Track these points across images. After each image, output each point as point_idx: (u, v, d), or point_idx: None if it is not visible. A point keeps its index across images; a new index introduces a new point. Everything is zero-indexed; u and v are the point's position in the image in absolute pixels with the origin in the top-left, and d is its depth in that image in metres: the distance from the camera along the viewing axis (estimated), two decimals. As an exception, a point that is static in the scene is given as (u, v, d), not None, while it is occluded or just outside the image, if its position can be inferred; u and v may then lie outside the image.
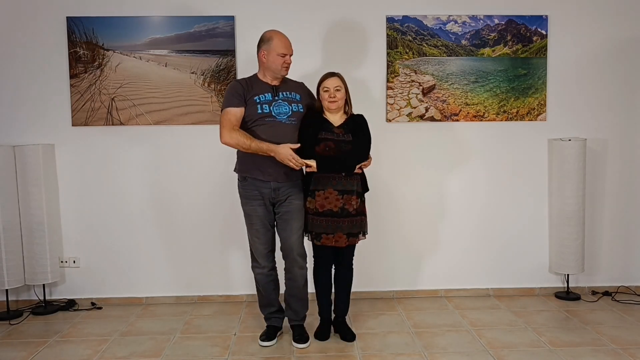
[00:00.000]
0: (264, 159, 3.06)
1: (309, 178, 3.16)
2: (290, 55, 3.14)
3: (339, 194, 3.08)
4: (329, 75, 3.15)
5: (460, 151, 4.02)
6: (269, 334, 3.27)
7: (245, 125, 3.09)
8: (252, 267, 3.28)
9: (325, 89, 3.12)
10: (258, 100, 3.09)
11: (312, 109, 3.21)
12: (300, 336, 3.23)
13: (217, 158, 3.90)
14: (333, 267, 3.29)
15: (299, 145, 3.05)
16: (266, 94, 3.11)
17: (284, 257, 3.22)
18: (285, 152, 2.99)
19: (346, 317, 3.42)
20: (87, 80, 3.86)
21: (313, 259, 3.29)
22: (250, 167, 3.12)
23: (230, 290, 4.03)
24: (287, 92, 3.17)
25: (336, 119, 3.17)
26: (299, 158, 3.00)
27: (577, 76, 4.01)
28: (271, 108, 3.09)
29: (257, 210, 3.15)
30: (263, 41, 3.13)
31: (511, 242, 4.07)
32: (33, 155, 3.72)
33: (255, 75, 3.20)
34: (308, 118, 3.15)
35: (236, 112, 3.07)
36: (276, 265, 3.31)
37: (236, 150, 3.19)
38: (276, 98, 3.12)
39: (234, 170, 3.26)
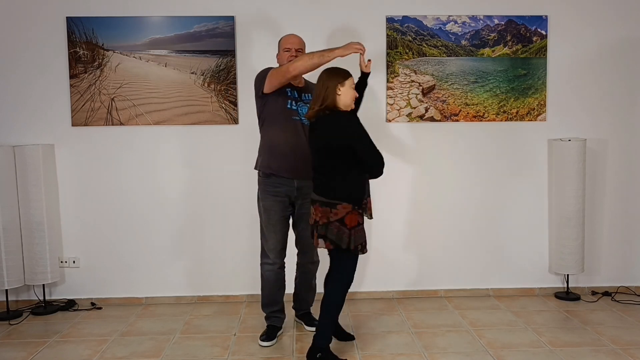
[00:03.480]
0: (291, 155, 3.15)
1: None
2: (297, 49, 3.22)
3: None
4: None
5: (460, 151, 4.02)
6: (269, 334, 3.29)
7: (271, 115, 3.17)
8: (262, 264, 3.34)
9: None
10: (289, 94, 3.18)
11: None
12: (310, 321, 3.44)
13: (217, 158, 3.91)
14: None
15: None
16: (294, 91, 3.22)
17: (300, 253, 3.38)
18: (349, 44, 3.02)
19: (338, 317, 3.37)
20: (87, 81, 3.86)
21: (350, 276, 3.04)
22: (277, 164, 3.18)
23: (230, 290, 4.02)
24: (309, 95, 3.24)
25: None
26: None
27: (577, 76, 4.01)
28: (297, 107, 3.19)
29: (278, 205, 3.22)
30: (278, 46, 3.32)
31: (511, 242, 4.07)
32: (33, 155, 3.72)
33: None
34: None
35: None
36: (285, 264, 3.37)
37: (258, 147, 3.27)
38: (301, 98, 3.23)
39: (255, 168, 3.29)
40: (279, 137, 3.16)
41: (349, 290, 3.03)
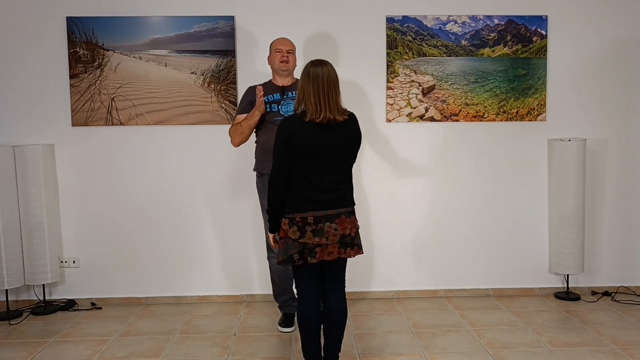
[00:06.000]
0: None
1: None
2: (288, 51, 3.34)
3: None
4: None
5: (460, 151, 4.02)
6: (288, 321, 3.45)
7: (258, 125, 3.29)
8: (268, 258, 3.45)
9: None
10: (267, 100, 3.29)
11: None
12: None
13: (216, 158, 3.91)
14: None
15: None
16: (275, 95, 3.33)
17: None
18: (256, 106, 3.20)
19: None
20: (87, 80, 3.86)
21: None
22: (267, 165, 3.21)
23: (230, 290, 4.02)
24: (295, 92, 3.31)
25: None
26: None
27: (577, 76, 4.01)
28: (279, 107, 3.30)
29: None
30: (269, 49, 3.43)
31: (511, 242, 4.07)
32: (33, 155, 3.72)
33: (269, 80, 3.43)
34: None
35: (242, 118, 3.34)
36: None
37: (254, 151, 3.41)
38: (285, 97, 3.32)
39: (254, 169, 3.45)
40: (269, 140, 3.18)
41: (350, 290, 3.02)
